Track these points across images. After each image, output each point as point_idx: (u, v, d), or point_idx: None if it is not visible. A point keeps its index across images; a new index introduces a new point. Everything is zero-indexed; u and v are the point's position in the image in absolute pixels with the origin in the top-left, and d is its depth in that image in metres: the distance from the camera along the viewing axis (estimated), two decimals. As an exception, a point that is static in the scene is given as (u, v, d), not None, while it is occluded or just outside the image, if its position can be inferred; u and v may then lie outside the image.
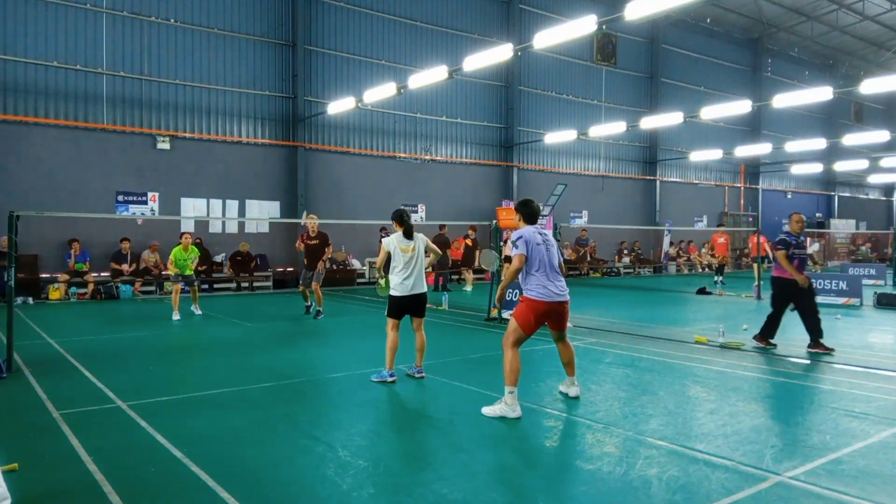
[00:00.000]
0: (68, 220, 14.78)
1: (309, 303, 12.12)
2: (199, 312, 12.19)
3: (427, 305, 6.98)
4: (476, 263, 18.28)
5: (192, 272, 12.37)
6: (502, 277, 9.01)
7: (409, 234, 6.75)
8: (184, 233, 12.48)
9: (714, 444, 4.54)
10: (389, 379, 6.52)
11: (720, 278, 19.27)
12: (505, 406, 5.24)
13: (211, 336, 9.97)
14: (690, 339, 9.10)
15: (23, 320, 10.86)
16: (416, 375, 6.76)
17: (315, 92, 18.87)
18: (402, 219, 6.81)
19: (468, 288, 18.23)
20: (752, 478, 3.90)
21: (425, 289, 6.82)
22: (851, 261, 30.17)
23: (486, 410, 5.30)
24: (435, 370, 7.09)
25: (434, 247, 6.92)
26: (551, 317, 5.54)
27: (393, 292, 6.70)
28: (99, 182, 15.80)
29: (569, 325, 5.93)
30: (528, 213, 5.74)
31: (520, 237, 5.49)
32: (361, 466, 4.11)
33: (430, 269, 19.92)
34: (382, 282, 6.89)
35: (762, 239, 17.70)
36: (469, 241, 18.57)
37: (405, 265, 6.66)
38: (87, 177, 15.65)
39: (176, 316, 11.60)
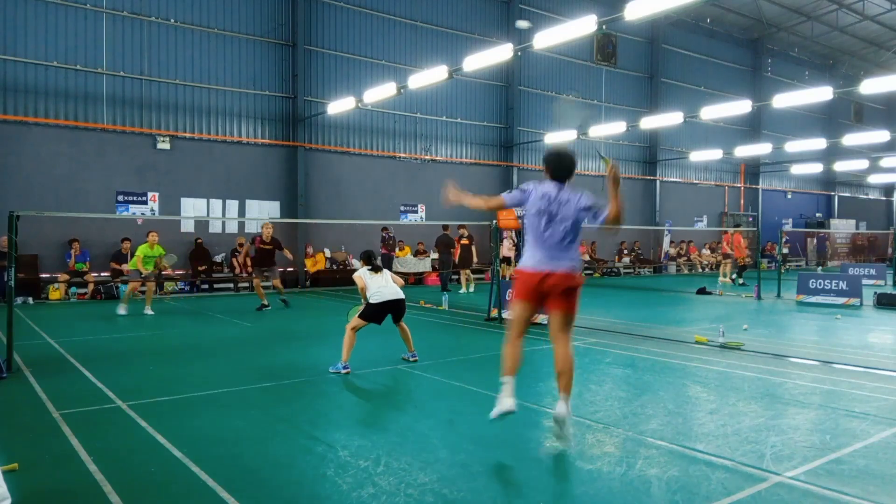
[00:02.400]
0: (68, 220, 14.78)
1: (266, 302, 13.08)
2: (151, 313, 12.23)
3: (427, 305, 7.04)
4: (474, 262, 17.89)
5: (153, 271, 12.64)
6: (504, 277, 8.96)
7: (375, 270, 7.33)
8: (151, 231, 12.67)
9: (714, 444, 4.54)
10: (343, 371, 6.90)
11: (740, 280, 19.45)
12: (497, 399, 4.53)
13: (211, 336, 9.97)
14: (690, 339, 9.10)
15: (23, 320, 10.86)
16: (412, 359, 7.46)
17: (315, 92, 18.87)
18: (369, 259, 7.40)
19: (470, 289, 17.42)
20: (752, 478, 3.90)
21: (402, 294, 7.31)
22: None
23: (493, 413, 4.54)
24: (435, 370, 7.09)
25: (399, 279, 7.51)
26: (542, 294, 4.45)
27: (372, 300, 7.16)
28: (99, 182, 15.81)
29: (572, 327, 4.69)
30: (555, 165, 4.54)
31: (522, 188, 4.56)
32: (361, 466, 4.11)
33: (432, 270, 19.90)
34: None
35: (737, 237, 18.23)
36: (465, 241, 17.59)
37: (378, 282, 7.26)
38: (87, 177, 15.65)
39: (122, 311, 11.97)
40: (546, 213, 4.42)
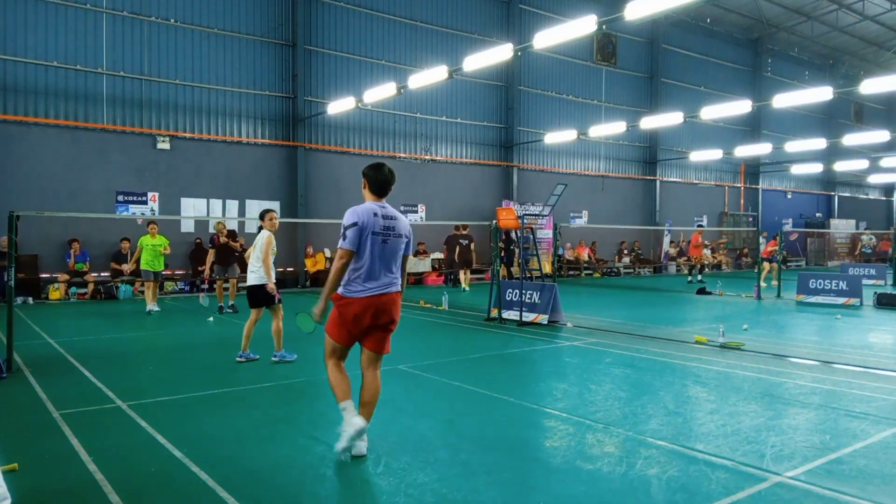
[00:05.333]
0: (68, 220, 14.78)
1: (222, 303, 12.82)
2: (157, 309, 12.53)
3: (427, 305, 7.01)
4: (473, 264, 18.24)
5: (162, 267, 13.00)
6: (503, 276, 8.93)
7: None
8: (151, 222, 12.97)
9: (714, 444, 4.54)
10: (254, 357, 7.60)
11: (698, 277, 19.75)
12: (343, 430, 4.17)
13: (211, 336, 9.97)
14: (690, 339, 9.10)
15: (23, 320, 10.86)
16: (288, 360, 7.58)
17: (315, 92, 18.87)
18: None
19: (465, 288, 17.86)
20: (752, 478, 3.90)
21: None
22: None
23: (339, 446, 4.16)
24: (435, 370, 7.09)
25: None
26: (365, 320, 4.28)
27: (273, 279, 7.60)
28: (99, 182, 15.80)
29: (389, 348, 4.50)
30: (375, 179, 4.37)
31: (353, 223, 4.22)
32: (361, 466, 4.11)
33: (431, 269, 19.90)
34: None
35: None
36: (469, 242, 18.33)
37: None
38: (87, 177, 15.65)
39: (153, 307, 12.32)
40: (384, 232, 4.33)
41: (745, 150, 26.24)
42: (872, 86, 15.79)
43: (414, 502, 3.56)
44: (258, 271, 7.56)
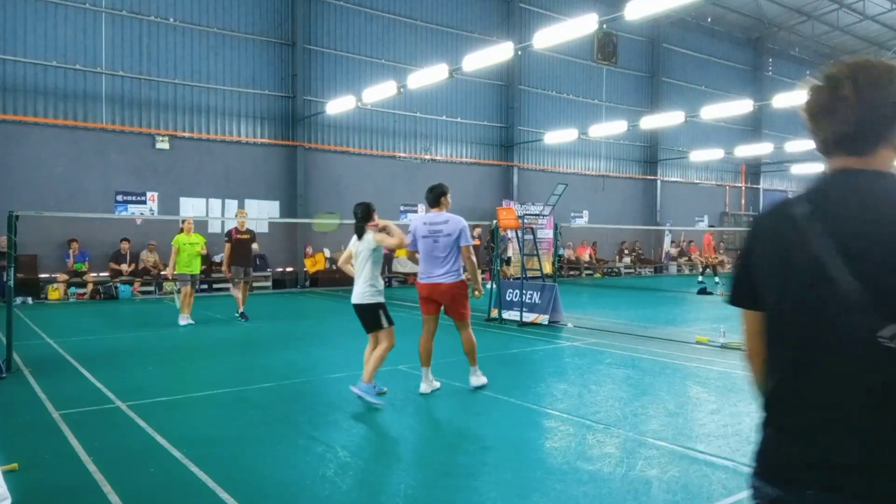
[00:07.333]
0: (68, 220, 14.73)
1: (242, 309, 11.28)
2: (191, 322, 10.76)
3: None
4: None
5: (199, 269, 11.19)
6: (506, 277, 8.96)
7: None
8: (186, 219, 11.41)
9: (715, 444, 4.54)
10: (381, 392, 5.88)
11: (715, 279, 19.43)
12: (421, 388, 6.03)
13: (211, 336, 9.96)
14: (691, 340, 9.09)
15: (22, 320, 10.85)
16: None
17: (315, 91, 18.86)
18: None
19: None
20: (753, 478, 3.88)
21: (362, 299, 5.74)
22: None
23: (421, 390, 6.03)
24: (434, 370, 7.06)
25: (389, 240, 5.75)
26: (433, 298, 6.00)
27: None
28: (98, 182, 15.79)
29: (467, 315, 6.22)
30: (428, 198, 6.33)
31: (411, 231, 6.18)
32: (361, 466, 4.10)
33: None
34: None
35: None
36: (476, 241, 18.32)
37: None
38: (86, 177, 15.64)
39: (184, 321, 10.59)
40: (431, 236, 6.01)
41: (745, 150, 26.23)
42: (873, 85, 15.78)
43: (413, 502, 3.55)
44: (367, 287, 5.77)
